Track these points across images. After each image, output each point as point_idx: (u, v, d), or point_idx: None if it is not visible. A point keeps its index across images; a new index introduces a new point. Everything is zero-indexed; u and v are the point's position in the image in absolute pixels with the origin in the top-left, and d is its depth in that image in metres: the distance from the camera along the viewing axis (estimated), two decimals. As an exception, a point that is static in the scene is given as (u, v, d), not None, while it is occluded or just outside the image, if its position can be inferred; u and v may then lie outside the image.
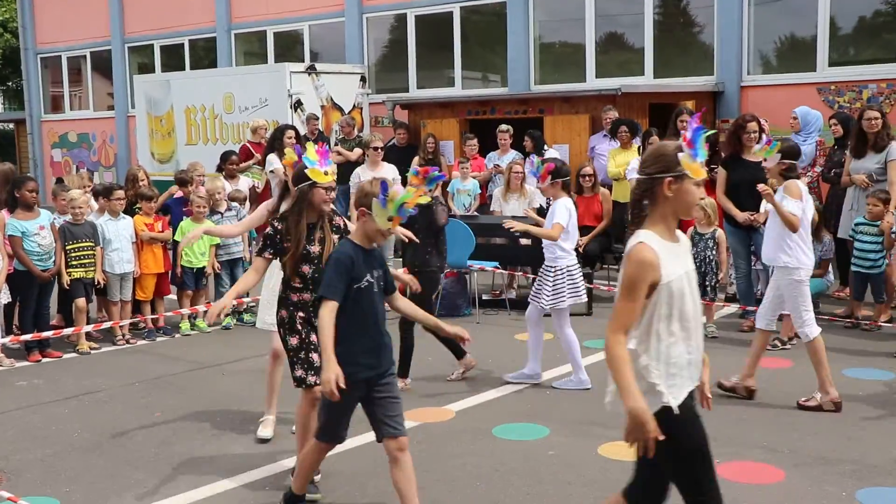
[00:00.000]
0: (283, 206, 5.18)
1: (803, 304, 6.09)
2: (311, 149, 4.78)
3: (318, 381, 4.53)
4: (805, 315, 6.09)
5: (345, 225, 5.02)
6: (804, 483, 4.90)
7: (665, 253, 3.17)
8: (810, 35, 12.56)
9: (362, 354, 4.17)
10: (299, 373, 4.81)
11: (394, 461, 4.19)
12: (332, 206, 4.87)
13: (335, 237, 4.84)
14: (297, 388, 4.90)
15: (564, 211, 6.65)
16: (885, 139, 8.43)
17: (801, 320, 6.11)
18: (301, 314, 4.80)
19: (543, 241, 6.80)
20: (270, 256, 4.79)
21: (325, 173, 4.69)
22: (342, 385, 3.92)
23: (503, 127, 11.48)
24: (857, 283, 8.37)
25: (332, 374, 3.93)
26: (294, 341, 4.82)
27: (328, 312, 4.04)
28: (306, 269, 4.76)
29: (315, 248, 4.78)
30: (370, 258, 4.21)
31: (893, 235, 8.04)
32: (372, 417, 4.27)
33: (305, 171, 4.71)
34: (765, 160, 6.31)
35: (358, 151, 12.78)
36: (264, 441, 5.72)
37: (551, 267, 6.72)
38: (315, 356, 4.72)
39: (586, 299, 7.31)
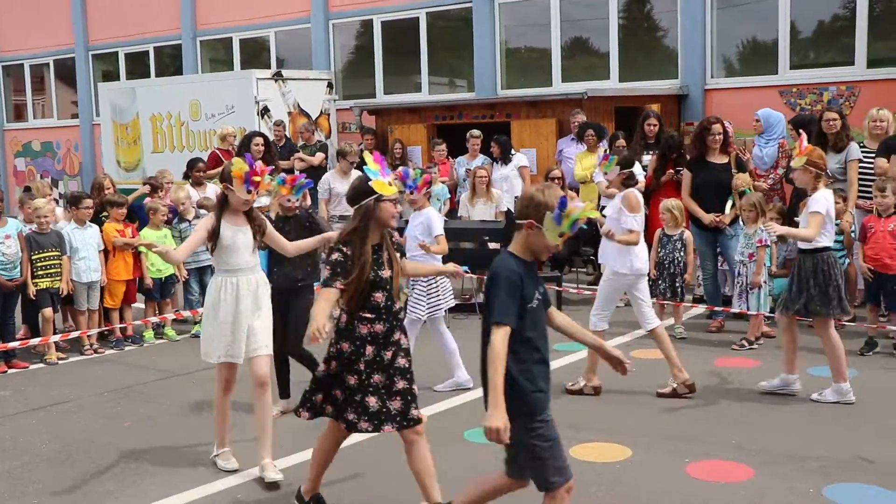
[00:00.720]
0: (223, 226, 5.10)
1: (643, 300, 6.64)
2: (370, 158, 4.42)
3: (370, 428, 4.35)
4: (645, 309, 6.62)
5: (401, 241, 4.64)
6: (773, 480, 4.97)
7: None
8: (772, 39, 12.74)
9: (543, 381, 3.74)
10: (351, 416, 4.36)
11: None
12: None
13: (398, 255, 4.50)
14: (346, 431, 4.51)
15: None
16: (844, 140, 8.57)
17: (643, 315, 6.62)
18: (370, 349, 4.35)
19: (421, 251, 6.62)
20: (343, 287, 4.27)
21: (390, 184, 4.34)
22: (505, 438, 3.52)
23: (474, 132, 11.51)
24: (820, 283, 8.45)
25: (501, 423, 3.50)
26: (352, 381, 4.36)
27: (502, 340, 3.57)
28: (379, 296, 4.34)
29: (385, 273, 4.38)
30: (533, 273, 3.80)
31: (853, 234, 8.17)
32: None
33: (368, 183, 4.31)
34: (605, 174, 6.54)
35: (320, 156, 12.79)
36: (232, 472, 5.37)
37: (427, 278, 6.71)
38: (372, 400, 4.33)
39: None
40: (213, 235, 5.14)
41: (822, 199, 6.19)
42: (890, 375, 6.93)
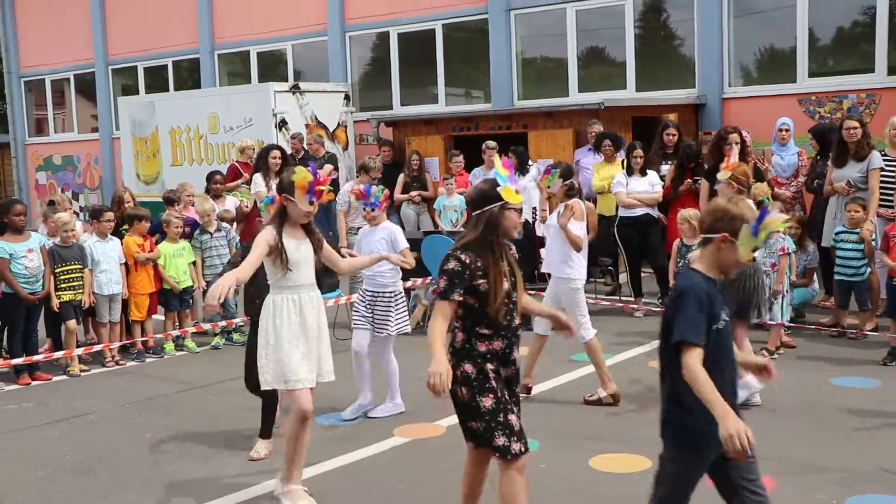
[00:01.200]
0: (286, 237, 4.80)
1: (580, 310, 6.72)
2: (499, 162, 4.15)
3: (523, 449, 4.01)
4: (582, 319, 6.68)
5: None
6: (795, 491, 4.94)
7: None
8: (790, 46, 12.70)
9: (732, 403, 3.40)
10: (501, 441, 3.96)
11: None
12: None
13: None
14: (491, 457, 4.17)
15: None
16: (865, 148, 8.52)
17: (579, 324, 6.59)
18: (491, 366, 4.02)
19: (386, 265, 6.38)
20: (461, 298, 3.96)
21: (517, 192, 4.09)
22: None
23: (490, 143, 11.54)
24: (841, 292, 8.44)
25: (741, 427, 3.18)
26: (489, 402, 3.98)
27: (696, 360, 3.29)
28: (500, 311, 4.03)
29: (506, 285, 4.04)
30: (719, 292, 3.51)
31: (874, 243, 8.13)
32: (725, 482, 3.56)
33: (496, 189, 4.03)
34: (548, 187, 6.67)
35: (329, 168, 12.82)
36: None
37: (393, 292, 6.62)
38: (513, 417, 4.00)
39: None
40: (278, 250, 4.80)
41: None
42: (912, 384, 6.88)
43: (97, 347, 8.20)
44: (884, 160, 8.50)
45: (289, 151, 12.21)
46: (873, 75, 12.03)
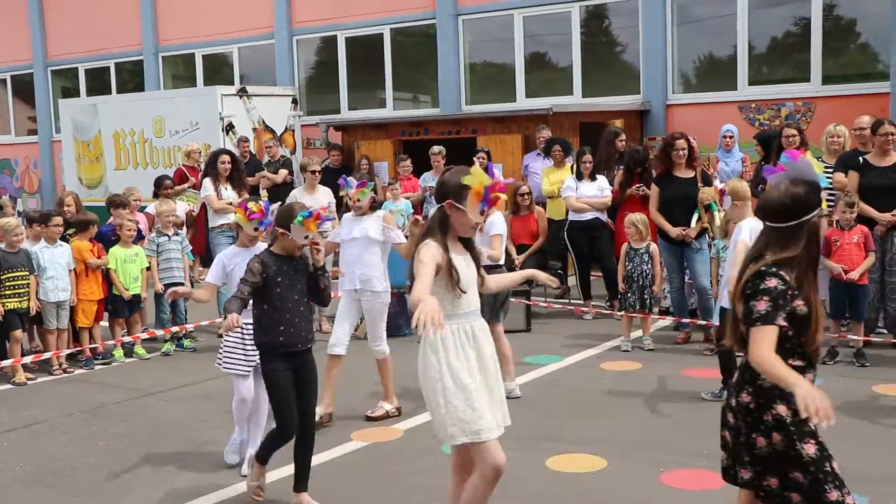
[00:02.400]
0: (452, 253, 3.92)
1: (382, 324, 6.60)
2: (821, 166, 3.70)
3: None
4: (382, 333, 6.60)
5: None
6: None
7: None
8: (731, 55, 13.03)
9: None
10: (833, 496, 3.33)
11: None
12: None
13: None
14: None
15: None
16: (805, 155, 8.78)
17: (380, 338, 6.57)
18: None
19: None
20: (784, 324, 3.34)
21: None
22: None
23: (435, 149, 11.61)
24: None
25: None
26: (811, 449, 3.38)
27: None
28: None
29: (822, 308, 3.53)
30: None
31: (816, 247, 8.38)
32: None
33: (817, 195, 3.47)
34: (358, 201, 6.49)
35: (283, 173, 12.80)
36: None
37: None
38: (836, 465, 3.42)
39: None
40: (448, 269, 3.90)
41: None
42: (849, 382, 7.11)
43: (47, 355, 8.04)
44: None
45: (237, 154, 12.12)
46: (809, 84, 12.42)
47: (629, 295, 8.41)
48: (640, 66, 13.55)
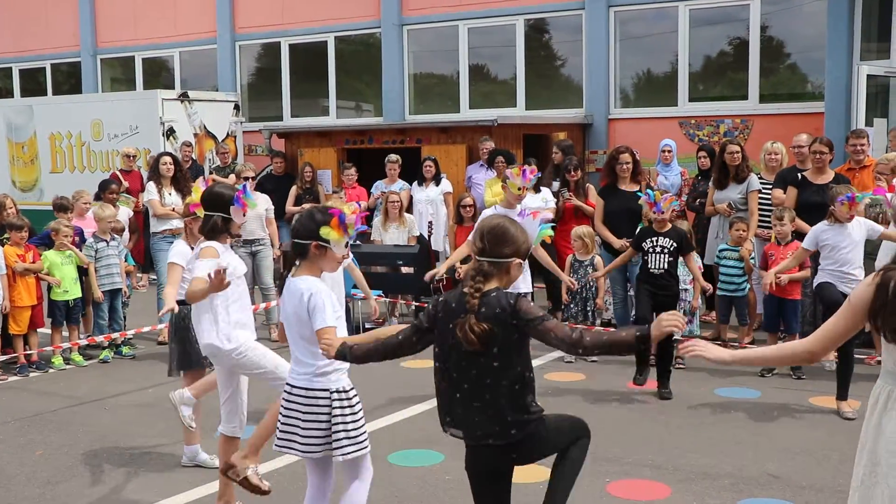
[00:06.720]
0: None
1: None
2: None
3: None
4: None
5: None
6: (688, 497, 5.18)
7: None
8: (672, 71, 13.29)
9: None
10: None
11: None
12: None
13: None
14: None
15: None
16: (745, 171, 9.00)
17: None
18: None
19: None
20: None
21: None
22: None
23: (392, 157, 11.59)
24: (722, 307, 8.87)
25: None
26: None
27: None
28: None
29: None
30: None
31: (752, 261, 8.59)
32: None
33: None
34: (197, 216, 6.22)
35: (232, 178, 12.66)
36: None
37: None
38: None
39: None
40: None
41: None
42: (785, 394, 7.29)
43: (-21, 361, 7.82)
44: (760, 183, 9.00)
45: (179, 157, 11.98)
46: (747, 102, 12.73)
47: (572, 306, 8.51)
48: (583, 80, 13.74)
